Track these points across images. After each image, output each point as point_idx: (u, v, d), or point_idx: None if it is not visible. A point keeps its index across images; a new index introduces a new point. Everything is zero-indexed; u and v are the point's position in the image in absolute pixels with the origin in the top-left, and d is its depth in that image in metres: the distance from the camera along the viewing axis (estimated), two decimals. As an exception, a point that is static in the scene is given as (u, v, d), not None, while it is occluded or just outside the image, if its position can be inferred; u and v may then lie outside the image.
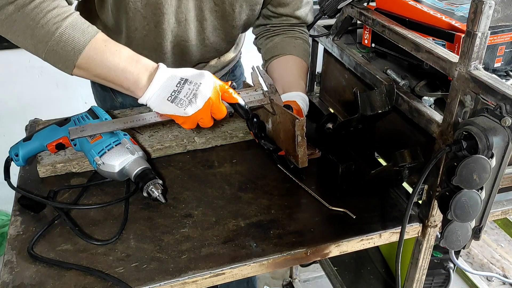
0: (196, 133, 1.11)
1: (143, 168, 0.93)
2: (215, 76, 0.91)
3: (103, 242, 0.83)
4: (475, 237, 0.80)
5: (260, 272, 0.83)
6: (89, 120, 1.01)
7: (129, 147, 0.94)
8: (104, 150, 0.94)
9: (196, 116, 0.88)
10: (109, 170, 0.93)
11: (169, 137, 1.09)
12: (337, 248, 0.86)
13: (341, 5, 1.09)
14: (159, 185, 0.91)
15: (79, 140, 0.98)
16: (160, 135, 1.10)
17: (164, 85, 0.87)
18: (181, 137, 1.10)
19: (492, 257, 2.20)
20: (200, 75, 0.88)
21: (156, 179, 0.91)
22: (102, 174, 0.95)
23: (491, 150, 0.69)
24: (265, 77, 1.05)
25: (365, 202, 0.95)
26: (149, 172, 0.92)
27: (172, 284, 0.77)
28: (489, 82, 0.71)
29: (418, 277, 0.98)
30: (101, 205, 0.92)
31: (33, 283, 0.75)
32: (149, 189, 0.90)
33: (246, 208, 0.93)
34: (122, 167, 0.93)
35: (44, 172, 1.00)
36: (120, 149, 0.94)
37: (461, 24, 0.87)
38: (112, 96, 1.29)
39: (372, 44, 1.09)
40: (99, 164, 0.93)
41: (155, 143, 1.07)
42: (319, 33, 1.23)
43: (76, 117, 1.03)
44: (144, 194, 0.91)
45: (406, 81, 0.98)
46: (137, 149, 0.96)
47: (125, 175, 0.94)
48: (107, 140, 0.95)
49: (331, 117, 1.11)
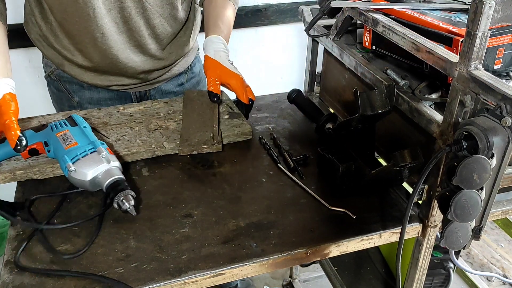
0: (166, 137, 1.09)
1: (116, 178, 0.88)
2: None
3: (72, 255, 0.80)
4: (475, 237, 0.80)
5: (260, 272, 0.83)
6: (66, 127, 0.99)
7: (105, 155, 0.90)
8: (78, 157, 0.90)
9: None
10: (80, 178, 0.89)
11: (137, 142, 1.06)
12: (337, 248, 0.86)
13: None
14: (131, 196, 0.86)
15: (53, 145, 0.96)
16: (127, 140, 1.07)
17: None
18: (150, 142, 1.07)
19: (492, 257, 2.20)
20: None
21: (127, 190, 0.86)
22: (73, 183, 0.91)
23: (491, 150, 0.69)
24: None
25: (365, 202, 0.95)
26: (121, 182, 0.88)
27: (172, 284, 0.77)
28: (489, 82, 0.71)
29: (418, 277, 0.98)
30: (75, 224, 0.86)
31: (33, 283, 0.75)
32: (120, 200, 0.86)
33: (246, 208, 0.93)
34: (95, 176, 0.88)
35: (3, 180, 0.95)
36: (95, 157, 0.90)
37: (458, 29, 0.87)
38: (68, 96, 1.30)
39: (373, 46, 1.09)
40: (70, 171, 0.89)
41: (122, 149, 1.04)
42: (319, 33, 1.23)
43: (54, 124, 1.00)
44: (115, 205, 0.86)
45: (406, 81, 0.98)
46: (112, 158, 0.91)
47: (97, 185, 0.90)
48: (83, 147, 0.92)
49: (331, 117, 1.11)
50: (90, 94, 1.29)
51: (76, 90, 1.28)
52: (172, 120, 1.16)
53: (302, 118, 1.25)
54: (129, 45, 1.18)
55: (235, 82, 1.13)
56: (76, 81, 1.27)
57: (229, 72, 1.13)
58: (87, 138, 0.95)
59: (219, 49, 1.15)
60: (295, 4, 2.19)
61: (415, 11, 0.98)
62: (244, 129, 1.13)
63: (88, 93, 1.29)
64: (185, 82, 1.40)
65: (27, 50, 1.82)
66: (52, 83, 1.31)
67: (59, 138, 0.96)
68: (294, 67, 2.35)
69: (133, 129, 1.12)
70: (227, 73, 1.13)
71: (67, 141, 0.94)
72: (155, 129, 1.12)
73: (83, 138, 0.95)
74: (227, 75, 1.13)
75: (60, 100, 1.32)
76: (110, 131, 1.10)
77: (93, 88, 1.28)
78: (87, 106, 1.30)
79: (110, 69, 1.21)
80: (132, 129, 1.12)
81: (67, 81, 1.27)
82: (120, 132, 1.10)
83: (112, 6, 1.09)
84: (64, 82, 1.28)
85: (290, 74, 2.38)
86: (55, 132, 0.97)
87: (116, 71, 1.22)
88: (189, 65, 1.38)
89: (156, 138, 1.08)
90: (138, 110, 1.20)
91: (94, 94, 1.29)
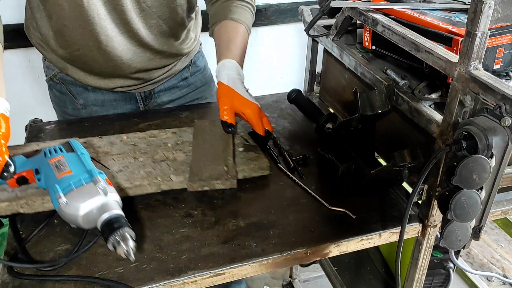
0: (174, 170, 0.98)
1: (114, 214, 0.75)
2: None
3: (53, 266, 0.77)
4: (475, 237, 0.80)
5: (260, 272, 0.83)
6: (61, 153, 0.87)
7: (102, 186, 0.77)
8: (71, 187, 0.77)
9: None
10: (72, 212, 0.75)
11: (141, 174, 0.95)
12: (337, 248, 0.87)
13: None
14: (129, 236, 0.72)
15: (44, 173, 0.84)
16: (130, 171, 0.96)
17: None
18: (155, 174, 0.96)
19: (492, 257, 2.20)
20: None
21: (125, 228, 0.72)
22: (63, 217, 0.78)
23: (491, 150, 0.69)
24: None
25: (365, 202, 0.95)
26: (120, 219, 0.74)
27: (172, 284, 0.77)
28: (489, 82, 0.71)
29: (418, 277, 0.98)
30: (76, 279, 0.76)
31: (33, 283, 0.75)
32: (114, 240, 0.71)
33: (246, 208, 0.93)
34: (89, 210, 0.75)
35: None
36: (91, 188, 0.77)
37: (458, 29, 0.87)
38: (72, 99, 1.28)
39: (373, 46, 1.09)
40: (61, 203, 0.75)
41: (123, 181, 0.92)
42: (319, 33, 1.23)
43: (48, 149, 0.89)
44: (109, 247, 0.72)
45: (406, 81, 0.98)
46: (111, 190, 0.79)
47: (91, 221, 0.76)
48: (77, 175, 0.80)
49: (331, 117, 1.11)
50: (95, 96, 1.28)
51: (81, 92, 1.28)
52: (181, 151, 1.04)
53: (302, 118, 1.24)
54: (131, 46, 1.17)
55: (251, 112, 1.03)
56: (80, 84, 1.26)
57: (244, 100, 1.04)
58: (83, 166, 0.83)
59: (233, 75, 1.07)
60: (295, 4, 2.19)
61: (415, 11, 0.98)
62: (262, 163, 1.01)
63: (92, 95, 1.28)
64: (189, 76, 1.38)
65: (26, 51, 1.82)
66: (54, 86, 1.29)
67: (52, 165, 0.84)
68: (294, 67, 2.35)
69: (137, 159, 1.00)
70: (242, 101, 1.04)
71: (60, 168, 0.82)
72: (162, 161, 1.00)
73: (79, 166, 0.83)
74: (242, 103, 1.03)
75: (63, 103, 1.30)
76: (111, 162, 0.99)
77: (97, 90, 1.27)
78: (92, 107, 1.29)
79: (114, 71, 1.21)
80: (135, 159, 1.00)
81: (71, 83, 1.27)
82: (122, 163, 0.99)
83: (111, 7, 1.09)
84: (68, 85, 1.27)
85: (290, 74, 2.38)
86: (48, 158, 0.86)
87: (120, 73, 1.21)
88: (192, 59, 1.37)
89: (163, 170, 0.97)
90: (143, 139, 1.09)
91: (98, 96, 1.28)
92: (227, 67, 1.08)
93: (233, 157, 1.02)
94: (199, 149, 1.04)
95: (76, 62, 1.19)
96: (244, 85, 1.08)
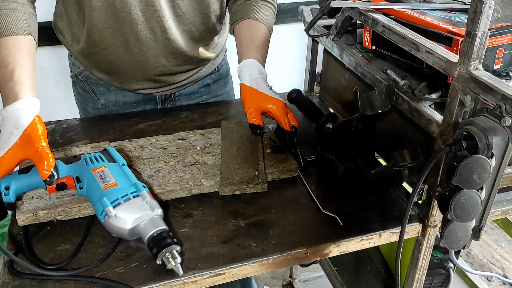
0: (204, 174, 0.98)
1: (161, 229, 0.77)
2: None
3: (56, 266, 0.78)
4: (475, 237, 0.80)
5: (260, 272, 0.83)
6: (103, 163, 0.88)
7: (149, 201, 0.80)
8: (119, 200, 0.79)
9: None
10: (120, 225, 0.77)
11: (172, 179, 0.96)
12: (337, 248, 0.86)
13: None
14: (176, 253, 0.76)
15: (88, 183, 0.84)
16: (162, 176, 0.96)
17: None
18: (186, 178, 0.96)
19: (492, 257, 2.20)
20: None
21: (173, 245, 0.75)
22: (108, 229, 0.79)
23: (491, 150, 0.69)
24: None
25: (365, 202, 0.95)
26: (166, 235, 0.77)
27: (172, 284, 0.77)
28: (489, 82, 0.71)
29: (418, 277, 0.98)
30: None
31: (33, 283, 0.75)
32: (165, 257, 0.75)
33: (246, 208, 0.93)
34: (137, 225, 0.78)
35: (24, 221, 0.84)
36: (138, 202, 0.80)
37: (458, 29, 0.87)
38: (94, 98, 1.28)
39: (373, 46, 1.09)
40: (110, 216, 0.77)
41: (156, 186, 0.93)
42: (319, 33, 1.23)
43: (88, 157, 0.89)
44: (158, 262, 0.75)
45: (406, 81, 0.98)
46: (156, 205, 0.80)
47: (136, 234, 0.79)
48: (124, 189, 0.81)
49: (331, 117, 1.11)
50: (116, 97, 1.28)
51: (103, 92, 1.28)
52: (210, 154, 1.05)
53: (302, 118, 1.24)
54: (163, 52, 1.16)
55: (276, 109, 1.03)
56: (103, 84, 1.26)
57: (269, 98, 1.04)
58: (128, 179, 0.84)
59: (255, 74, 1.07)
60: (295, 4, 2.19)
61: (415, 11, 0.99)
62: (290, 164, 1.01)
63: (114, 96, 1.28)
64: (211, 83, 1.37)
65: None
66: (78, 83, 1.30)
67: (96, 175, 0.84)
68: (294, 67, 2.35)
69: (168, 163, 1.01)
70: (266, 100, 1.04)
71: (105, 180, 0.83)
72: (192, 164, 1.01)
73: (124, 178, 0.84)
74: (267, 102, 1.03)
75: (84, 101, 1.31)
76: (142, 166, 1.00)
77: (119, 91, 1.27)
78: (112, 108, 1.29)
79: (139, 73, 1.20)
80: (166, 163, 1.01)
81: (94, 83, 1.27)
82: (154, 167, 0.99)
83: (151, 15, 1.08)
84: (91, 84, 1.27)
85: (290, 74, 2.38)
86: (90, 168, 0.86)
87: (145, 74, 1.21)
88: (216, 66, 1.36)
89: (193, 175, 0.97)
90: (172, 142, 1.09)
91: (120, 98, 1.28)
92: (248, 67, 1.08)
93: (264, 160, 1.02)
94: (228, 151, 1.05)
95: (101, 61, 1.19)
96: (267, 83, 1.08)
